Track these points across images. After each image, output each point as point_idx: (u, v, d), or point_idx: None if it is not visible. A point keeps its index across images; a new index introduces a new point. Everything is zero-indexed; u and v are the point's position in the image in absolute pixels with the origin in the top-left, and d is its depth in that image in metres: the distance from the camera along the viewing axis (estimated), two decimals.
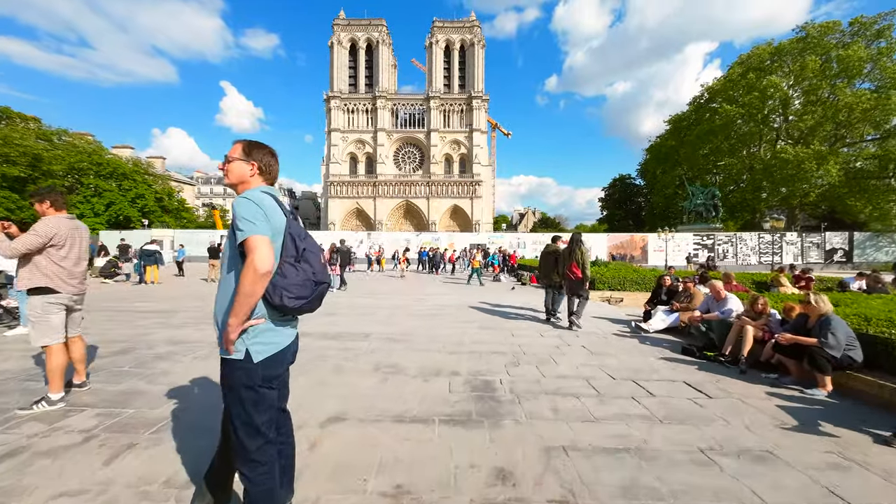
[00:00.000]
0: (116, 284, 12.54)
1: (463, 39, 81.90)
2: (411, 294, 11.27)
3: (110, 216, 37.58)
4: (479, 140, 78.76)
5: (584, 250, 6.79)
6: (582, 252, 6.74)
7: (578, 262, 6.66)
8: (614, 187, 68.95)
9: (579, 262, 6.66)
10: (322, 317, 7.32)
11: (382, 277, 17.48)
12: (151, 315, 7.18)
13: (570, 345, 5.46)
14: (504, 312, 8.25)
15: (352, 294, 10.99)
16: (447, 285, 14.35)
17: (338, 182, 76.67)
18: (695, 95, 48.48)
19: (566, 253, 6.84)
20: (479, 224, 76.17)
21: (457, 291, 12.28)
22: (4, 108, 36.20)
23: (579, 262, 6.66)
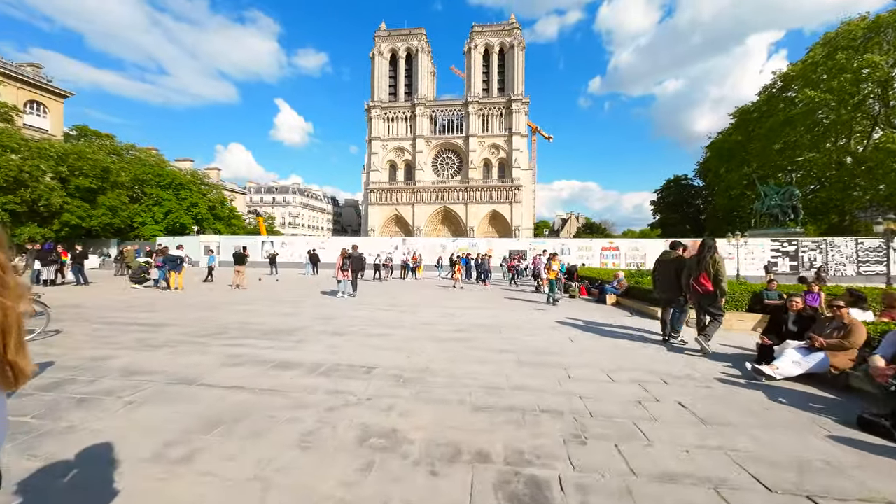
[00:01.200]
0: (146, 290, 12.31)
1: (502, 42, 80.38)
2: (442, 307, 9.79)
3: (168, 223, 40.05)
4: (519, 143, 76.40)
5: (719, 259, 5.55)
6: (716, 262, 5.49)
7: (710, 273, 5.47)
8: (668, 189, 63.46)
9: (710, 273, 5.47)
10: (328, 337, 6.05)
11: (416, 286, 16.18)
12: (138, 330, 6.30)
13: (658, 399, 3.67)
14: (551, 337, 6.50)
15: (373, 306, 9.73)
16: (487, 297, 12.72)
17: (377, 189, 77.76)
18: (765, 84, 43.16)
19: (693, 262, 5.76)
20: (519, 230, 73.48)
21: (497, 305, 10.63)
22: (82, 126, 40.12)
23: (710, 273, 5.47)
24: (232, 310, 8.65)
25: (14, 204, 27.13)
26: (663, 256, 6.52)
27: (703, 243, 5.78)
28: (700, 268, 5.59)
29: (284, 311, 8.76)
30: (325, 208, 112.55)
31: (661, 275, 6.43)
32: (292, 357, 4.85)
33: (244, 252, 13.31)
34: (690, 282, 5.70)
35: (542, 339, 6.27)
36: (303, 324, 7.13)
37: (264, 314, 8.18)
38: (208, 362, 4.56)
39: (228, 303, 9.80)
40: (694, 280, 5.64)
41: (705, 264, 5.54)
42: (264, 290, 13.25)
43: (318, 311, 8.65)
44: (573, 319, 8.25)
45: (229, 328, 6.58)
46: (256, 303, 9.90)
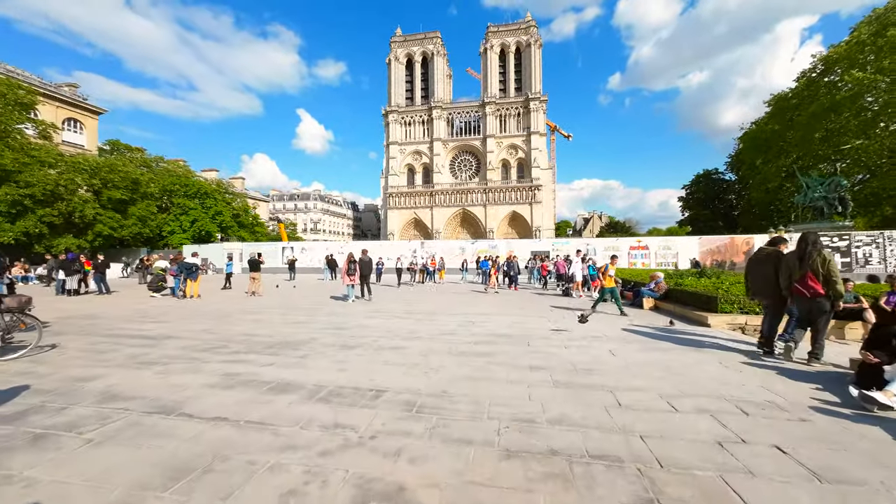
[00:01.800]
0: (164, 299, 12.21)
1: (518, 42, 79.27)
2: (463, 314, 9.07)
3: (195, 232, 41.20)
4: (538, 143, 74.93)
5: (828, 256, 4.73)
6: (824, 258, 4.66)
7: (817, 273, 4.64)
8: (698, 184, 60.53)
9: (818, 273, 4.63)
10: (336, 351, 5.46)
11: (435, 292, 15.51)
12: (138, 344, 5.91)
13: (744, 440, 2.83)
14: (588, 349, 5.67)
15: (389, 314, 9.13)
16: (512, 302, 11.92)
17: (396, 193, 78.00)
18: (804, 69, 40.27)
19: (793, 260, 4.93)
20: (540, 230, 71.87)
21: (521, 311, 9.83)
22: (114, 140, 41.96)
23: (818, 273, 4.63)
24: (241, 319, 8.24)
25: (52, 216, 28.36)
26: (759, 254, 5.66)
27: (805, 237, 4.89)
28: (804, 266, 4.72)
29: (295, 319, 8.28)
30: (345, 214, 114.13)
31: (758, 276, 5.49)
32: (293, 377, 4.26)
33: (259, 258, 13.06)
34: (794, 284, 4.82)
35: (577, 351, 5.45)
36: (312, 335, 6.58)
37: (274, 324, 7.71)
38: (198, 383, 4.02)
39: (240, 311, 9.44)
40: (798, 281, 4.75)
41: (811, 262, 4.67)
42: (280, 297, 12.93)
43: (329, 321, 8.12)
44: (610, 325, 7.36)
45: (233, 340, 6.11)
46: (268, 311, 9.49)
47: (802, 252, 4.81)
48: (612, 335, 6.60)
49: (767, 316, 5.42)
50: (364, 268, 11.41)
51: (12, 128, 28.24)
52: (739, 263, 26.04)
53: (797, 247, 4.94)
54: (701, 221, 56.86)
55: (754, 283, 5.60)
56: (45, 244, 29.17)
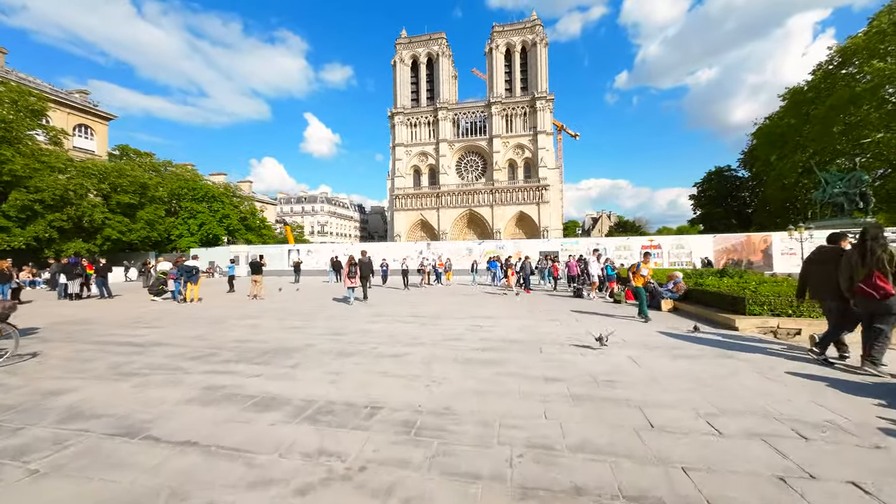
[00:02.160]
0: (164, 303, 11.97)
1: (524, 41, 78.66)
2: (470, 318, 8.61)
3: (202, 235, 41.39)
4: (545, 142, 74.14)
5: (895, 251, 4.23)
6: (891, 255, 4.15)
7: (885, 271, 4.11)
8: (710, 182, 59.26)
9: (886, 271, 4.12)
10: (331, 359, 5.04)
11: (442, 294, 15.07)
12: (123, 352, 5.57)
13: (812, 474, 2.33)
14: (607, 357, 5.17)
15: (392, 317, 8.71)
16: (521, 304, 11.43)
17: (402, 195, 77.82)
18: (820, 62, 39.04)
19: (855, 256, 4.38)
20: (548, 230, 71.03)
21: (531, 314, 9.34)
22: (124, 146, 42.43)
23: (886, 271, 4.12)
24: (238, 324, 7.89)
25: (61, 221, 28.58)
26: (818, 253, 5.13)
27: (865, 231, 4.37)
28: (868, 264, 4.20)
29: (293, 324, 7.90)
30: (351, 216, 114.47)
31: (819, 276, 4.96)
32: (280, 390, 3.85)
33: (261, 261, 12.76)
34: (857, 284, 4.28)
35: (595, 359, 4.96)
36: (308, 341, 6.19)
37: (270, 329, 7.34)
38: (176, 398, 3.64)
39: (238, 316, 9.10)
40: (863, 281, 4.22)
41: (876, 259, 4.15)
42: (281, 300, 12.61)
43: (328, 325, 7.72)
44: (629, 330, 6.83)
45: (224, 348, 5.73)
46: (267, 315, 9.14)
47: (864, 248, 4.27)
48: (631, 340, 6.09)
49: (831, 319, 4.90)
50: (364, 269, 11.36)
51: (24, 134, 28.56)
52: (757, 262, 25.13)
53: (858, 244, 4.40)
54: (714, 219, 55.59)
55: (815, 285, 5.05)
56: (55, 249, 29.41)
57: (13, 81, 32.13)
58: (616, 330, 6.24)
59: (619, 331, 6.75)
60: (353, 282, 10.97)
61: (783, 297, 6.75)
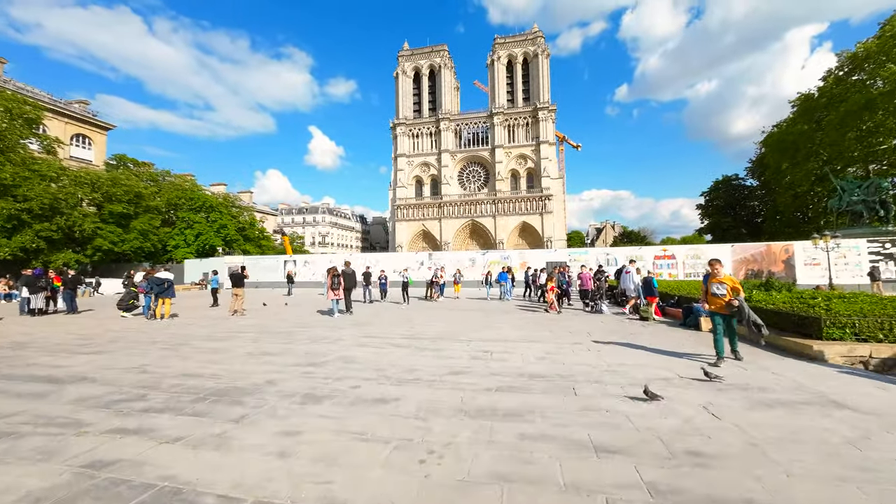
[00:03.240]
0: (133, 319, 10.68)
1: (526, 52, 78.78)
2: (477, 340, 7.26)
3: (199, 245, 40.35)
4: (547, 152, 73.42)
5: None
6: None
7: None
8: (717, 191, 58.09)
9: None
10: (295, 408, 3.70)
11: (444, 309, 13.70)
12: (30, 391, 4.29)
13: None
14: (672, 406, 3.80)
15: (384, 339, 7.36)
16: (532, 321, 10.06)
17: (404, 205, 76.97)
18: (830, 68, 38.20)
19: None
20: (552, 241, 69.70)
21: (548, 334, 7.98)
22: (121, 155, 41.79)
23: None
24: (198, 349, 6.57)
25: (50, 231, 27.55)
26: None
27: None
28: None
29: (265, 348, 6.57)
30: (353, 227, 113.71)
31: None
32: (196, 472, 2.52)
33: (243, 272, 11.49)
34: None
35: (655, 409, 3.60)
36: (272, 375, 4.86)
37: (234, 356, 6.02)
38: (25, 490, 2.31)
39: (205, 337, 7.78)
40: None
41: None
42: (263, 316, 11.29)
43: (306, 351, 6.39)
44: (676, 361, 5.46)
45: (160, 387, 4.41)
46: (239, 336, 7.81)
47: None
48: (686, 374, 4.72)
49: None
50: (348, 280, 11.02)
51: (16, 142, 27.81)
52: (778, 273, 23.66)
53: None
54: (722, 229, 54.19)
55: None
56: (43, 259, 28.31)
57: (10, 90, 31.63)
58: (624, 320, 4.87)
59: (666, 363, 5.39)
60: (337, 294, 10.59)
61: (871, 318, 5.38)
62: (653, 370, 4.94)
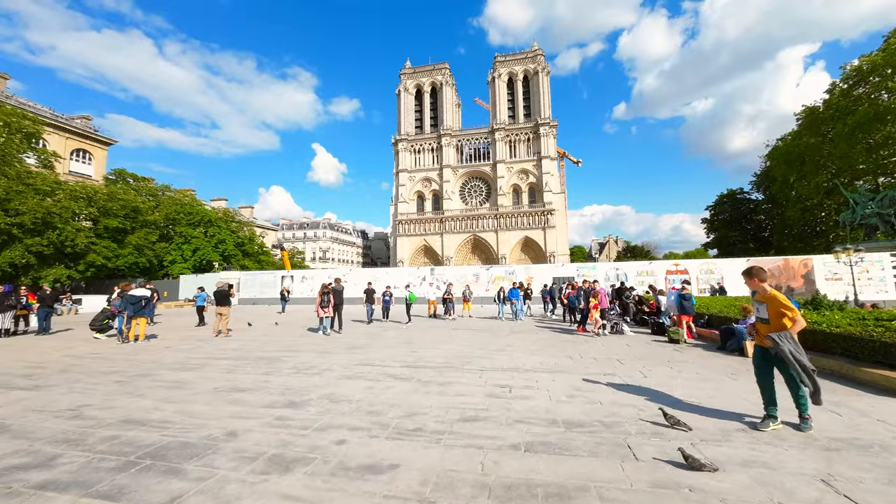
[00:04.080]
0: (106, 341, 9.65)
1: (526, 70, 79.68)
2: (491, 370, 6.21)
3: (196, 261, 39.47)
4: (549, 167, 73.22)
5: None
6: None
7: None
8: (722, 206, 57.40)
9: None
10: (250, 484, 2.67)
11: (450, 329, 12.61)
12: None
13: None
14: (774, 475, 2.75)
15: (381, 370, 6.31)
16: (549, 342, 8.98)
17: (405, 220, 76.41)
18: (834, 81, 37.97)
19: None
20: (555, 256, 68.67)
21: (574, 361, 6.92)
22: (120, 170, 41.41)
23: None
24: (159, 382, 5.54)
25: (41, 246, 26.74)
26: None
27: None
28: None
29: (238, 382, 5.54)
30: (354, 242, 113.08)
31: None
32: None
33: (229, 290, 10.51)
34: None
35: (755, 477, 2.55)
36: (236, 422, 3.83)
37: (197, 392, 4.99)
38: None
39: (175, 365, 6.75)
40: None
41: None
42: (251, 337, 10.24)
43: (287, 384, 5.35)
44: (738, 398, 4.41)
45: (86, 441, 3.39)
46: (213, 365, 6.78)
47: None
48: (759, 418, 3.66)
49: None
50: (338, 297, 10.76)
51: (12, 156, 27.38)
52: (798, 289, 22.52)
53: None
54: (729, 243, 53.23)
55: None
56: (33, 275, 27.45)
57: (10, 105, 31.47)
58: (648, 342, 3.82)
59: (727, 400, 4.33)
60: (326, 311, 10.39)
61: None
62: (715, 419, 3.88)
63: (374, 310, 14.19)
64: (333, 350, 8.04)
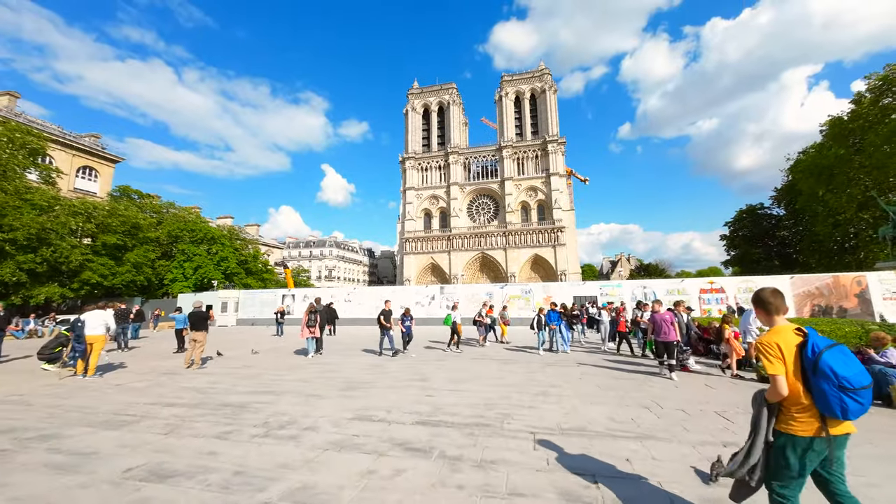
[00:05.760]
0: (57, 373, 7.92)
1: (533, 88, 79.72)
2: (549, 428, 4.29)
3: (197, 279, 38.15)
4: (558, 184, 71.83)
5: None
6: None
7: None
8: (741, 222, 55.09)
9: None
10: None
11: (471, 360, 10.63)
12: None
13: None
14: None
15: (384, 427, 4.44)
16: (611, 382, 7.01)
17: (412, 238, 75.03)
18: (860, 91, 36.38)
19: None
20: (566, 274, 66.26)
21: (654, 416, 4.97)
22: (124, 186, 40.86)
23: None
24: (52, 455, 3.76)
25: (33, 263, 25.53)
26: None
27: None
28: None
29: (171, 454, 3.73)
30: (360, 260, 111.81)
31: None
32: None
33: (207, 312, 8.78)
34: None
35: None
36: None
37: (89, 485, 3.18)
38: None
39: (101, 416, 4.96)
40: None
41: None
42: (226, 370, 8.43)
43: (241, 464, 3.52)
44: None
45: None
46: (151, 418, 4.96)
47: None
48: None
49: None
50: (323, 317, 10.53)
51: (13, 172, 26.68)
52: (852, 309, 20.15)
53: None
54: (753, 261, 50.63)
55: None
56: (24, 294, 26.16)
57: (16, 122, 31.14)
58: None
59: None
60: (313, 331, 10.05)
61: None
62: None
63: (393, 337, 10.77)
64: (324, 391, 6.18)
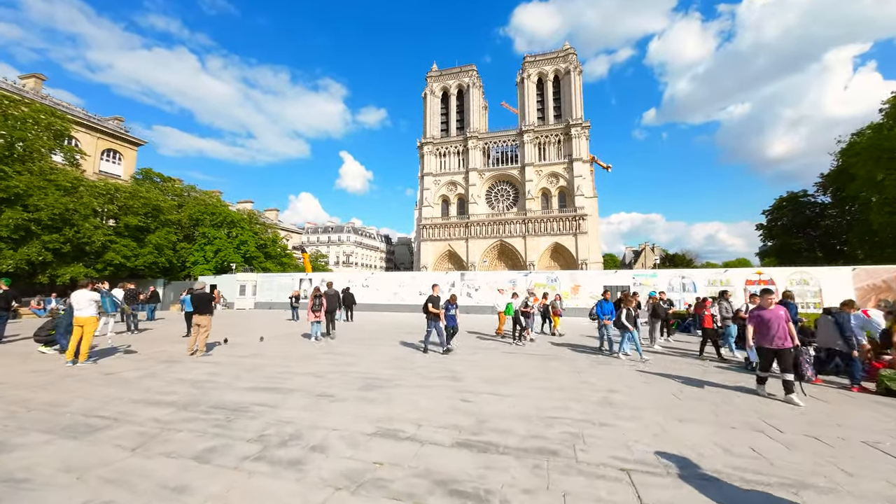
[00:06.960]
0: (49, 358, 7.29)
1: (557, 69, 76.06)
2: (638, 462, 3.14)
3: (217, 262, 38.35)
4: (581, 170, 68.79)
5: None
6: None
7: None
8: (781, 210, 51.34)
9: None
10: None
11: (507, 352, 9.51)
12: None
13: None
14: None
15: (412, 445, 3.43)
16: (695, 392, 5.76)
17: (430, 225, 73.97)
18: None
19: None
20: (587, 263, 63.97)
21: (789, 451, 3.71)
22: (147, 169, 41.18)
23: None
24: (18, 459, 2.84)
25: (58, 243, 25.78)
26: None
27: None
28: None
29: (125, 492, 2.76)
30: (378, 246, 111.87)
31: None
32: None
33: (211, 295, 7.95)
34: None
35: None
36: None
37: None
38: None
39: (72, 417, 4.14)
40: None
41: None
42: (228, 359, 7.61)
43: (230, 494, 2.52)
44: None
45: None
46: (126, 424, 4.10)
47: None
48: None
49: None
50: (330, 302, 10.49)
51: (39, 153, 26.88)
52: None
53: None
54: (793, 251, 47.18)
55: None
56: (50, 273, 26.58)
57: (41, 104, 31.33)
58: None
59: None
60: (318, 315, 10.05)
61: None
62: None
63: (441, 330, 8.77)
64: (338, 390, 5.20)
